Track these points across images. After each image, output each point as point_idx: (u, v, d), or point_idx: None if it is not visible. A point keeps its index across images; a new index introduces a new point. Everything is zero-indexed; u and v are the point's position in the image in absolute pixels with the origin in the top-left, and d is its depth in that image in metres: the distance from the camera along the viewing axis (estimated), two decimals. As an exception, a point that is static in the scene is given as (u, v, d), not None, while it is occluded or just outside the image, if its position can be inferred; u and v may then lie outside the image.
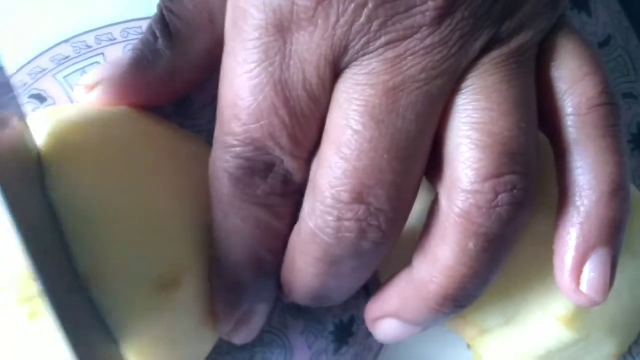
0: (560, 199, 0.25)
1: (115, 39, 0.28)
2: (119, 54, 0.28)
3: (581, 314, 0.28)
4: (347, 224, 0.23)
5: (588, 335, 0.28)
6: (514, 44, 0.24)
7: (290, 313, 0.29)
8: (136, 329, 0.22)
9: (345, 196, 0.23)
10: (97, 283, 0.22)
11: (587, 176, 0.25)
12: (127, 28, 0.28)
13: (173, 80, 0.26)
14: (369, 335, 0.29)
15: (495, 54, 0.24)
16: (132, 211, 0.23)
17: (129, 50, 0.27)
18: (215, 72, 0.25)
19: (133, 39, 0.28)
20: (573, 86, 0.24)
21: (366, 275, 0.25)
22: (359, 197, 0.23)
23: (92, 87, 0.26)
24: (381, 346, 0.30)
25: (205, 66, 0.26)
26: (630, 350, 0.31)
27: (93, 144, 0.23)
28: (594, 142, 0.25)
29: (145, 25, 0.27)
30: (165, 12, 0.25)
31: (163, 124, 0.26)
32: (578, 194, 0.25)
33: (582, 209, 0.24)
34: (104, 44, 0.28)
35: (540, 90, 0.25)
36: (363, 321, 0.29)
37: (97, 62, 0.28)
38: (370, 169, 0.23)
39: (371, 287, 0.29)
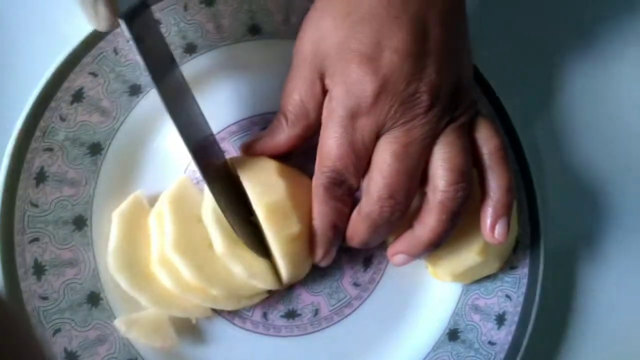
0: (482, 194, 0.40)
1: (256, 123, 0.46)
2: (258, 131, 0.45)
3: (485, 249, 0.44)
4: (385, 208, 0.38)
5: (487, 259, 0.45)
6: (460, 120, 0.38)
7: (343, 252, 0.45)
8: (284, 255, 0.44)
9: (384, 196, 0.37)
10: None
11: (495, 182, 0.40)
12: (265, 117, 0.46)
13: (289, 144, 0.41)
14: (381, 262, 0.47)
15: (452, 126, 0.38)
16: (283, 203, 0.43)
17: (265, 129, 0.43)
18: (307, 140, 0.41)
19: (265, 125, 0.45)
20: (486, 141, 0.40)
21: (389, 234, 0.41)
22: (391, 196, 0.37)
23: (247, 148, 0.43)
24: (385, 268, 0.47)
25: (305, 137, 0.41)
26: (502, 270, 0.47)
27: (257, 168, 0.43)
28: (498, 166, 0.40)
29: (270, 115, 0.46)
30: (286, 111, 0.41)
31: (283, 163, 0.46)
32: (491, 191, 0.40)
33: (494, 198, 0.40)
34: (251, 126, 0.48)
35: (472, 143, 0.39)
36: (377, 256, 0.47)
37: (248, 134, 0.47)
38: (397, 183, 0.37)
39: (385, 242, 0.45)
